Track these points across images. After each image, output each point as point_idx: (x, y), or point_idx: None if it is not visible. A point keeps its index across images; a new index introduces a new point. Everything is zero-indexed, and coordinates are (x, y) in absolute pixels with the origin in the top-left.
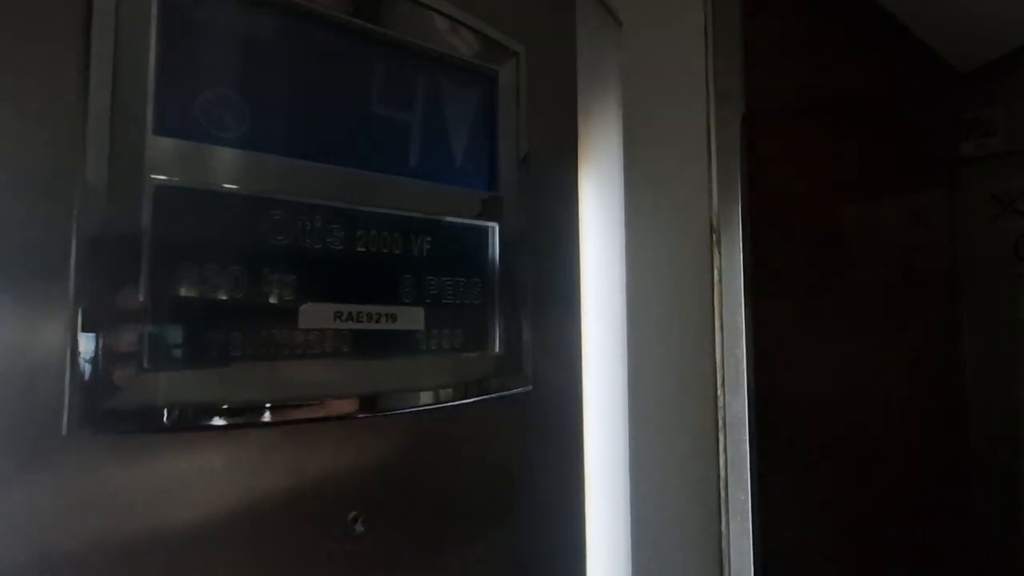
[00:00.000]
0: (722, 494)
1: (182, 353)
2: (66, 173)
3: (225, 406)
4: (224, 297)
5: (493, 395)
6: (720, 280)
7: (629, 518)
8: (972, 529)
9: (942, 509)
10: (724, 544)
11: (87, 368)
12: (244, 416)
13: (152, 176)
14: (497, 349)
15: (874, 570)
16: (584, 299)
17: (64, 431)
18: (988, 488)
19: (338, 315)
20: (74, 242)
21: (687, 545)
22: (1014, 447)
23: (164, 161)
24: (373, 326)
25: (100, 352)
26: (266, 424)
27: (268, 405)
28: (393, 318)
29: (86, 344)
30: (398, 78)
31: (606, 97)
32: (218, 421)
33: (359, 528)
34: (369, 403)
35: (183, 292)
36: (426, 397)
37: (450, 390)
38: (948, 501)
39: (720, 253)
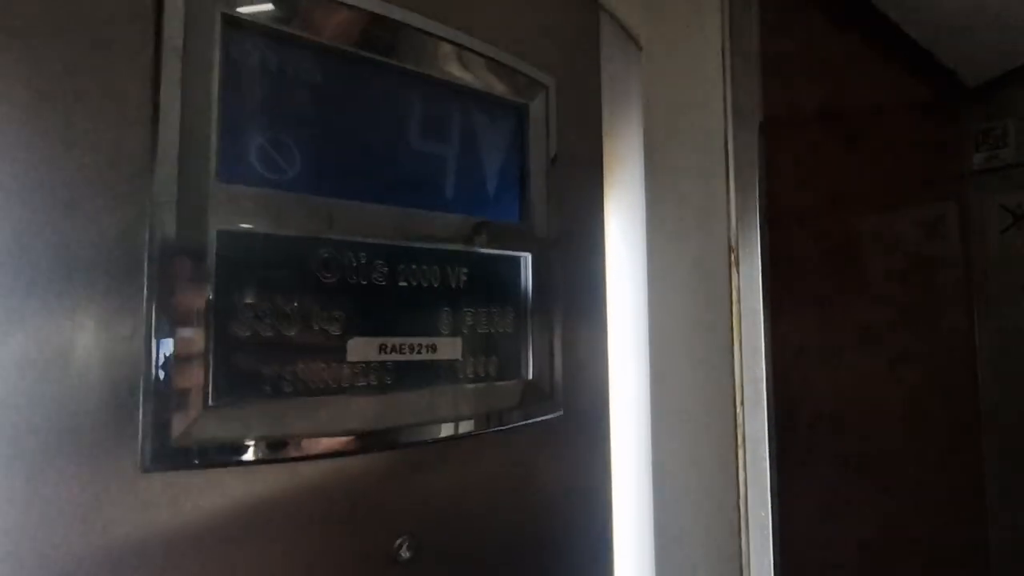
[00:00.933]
0: (742, 510)
1: (242, 389)
2: (138, 220)
3: (281, 439)
4: (279, 334)
5: (528, 421)
6: (739, 299)
7: (653, 533)
8: (987, 539)
9: (957, 520)
10: (745, 560)
11: (157, 407)
12: (298, 449)
13: (215, 221)
14: (530, 376)
15: None
16: (610, 322)
17: (138, 468)
18: (1002, 496)
19: (383, 348)
20: (145, 285)
21: (709, 559)
22: None
23: (226, 207)
24: (415, 357)
25: (170, 391)
26: (318, 456)
27: (320, 437)
28: (433, 348)
29: (157, 383)
30: (436, 116)
31: (628, 119)
32: (276, 454)
33: (405, 554)
34: (411, 432)
35: (242, 331)
36: (465, 425)
37: (487, 417)
38: (963, 512)
39: (739, 272)
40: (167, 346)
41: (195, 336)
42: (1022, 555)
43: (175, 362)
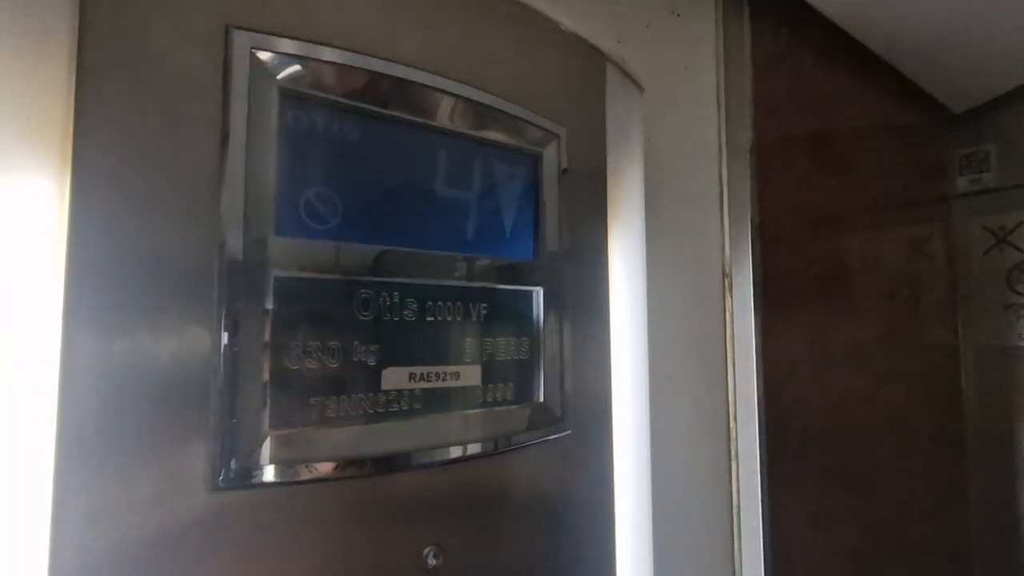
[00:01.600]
0: (735, 520)
1: (294, 416)
2: (208, 270)
3: (326, 461)
4: (324, 366)
5: (540, 440)
6: (732, 321)
7: (652, 541)
8: (971, 544)
9: (942, 527)
10: (737, 567)
11: (224, 431)
12: (341, 470)
13: (274, 269)
14: (541, 398)
15: None
16: (613, 346)
17: (207, 486)
18: (985, 504)
19: (412, 376)
20: (215, 323)
21: (704, 567)
22: (1009, 467)
23: (282, 256)
24: (440, 384)
25: (236, 417)
26: (357, 476)
27: (360, 458)
28: (457, 376)
29: (224, 411)
30: (459, 167)
31: (631, 157)
32: (321, 474)
33: (432, 561)
34: (436, 453)
35: (294, 364)
36: (484, 445)
37: (504, 438)
38: (947, 520)
39: (732, 296)
40: (233, 376)
41: (257, 368)
42: (1004, 559)
43: (240, 390)
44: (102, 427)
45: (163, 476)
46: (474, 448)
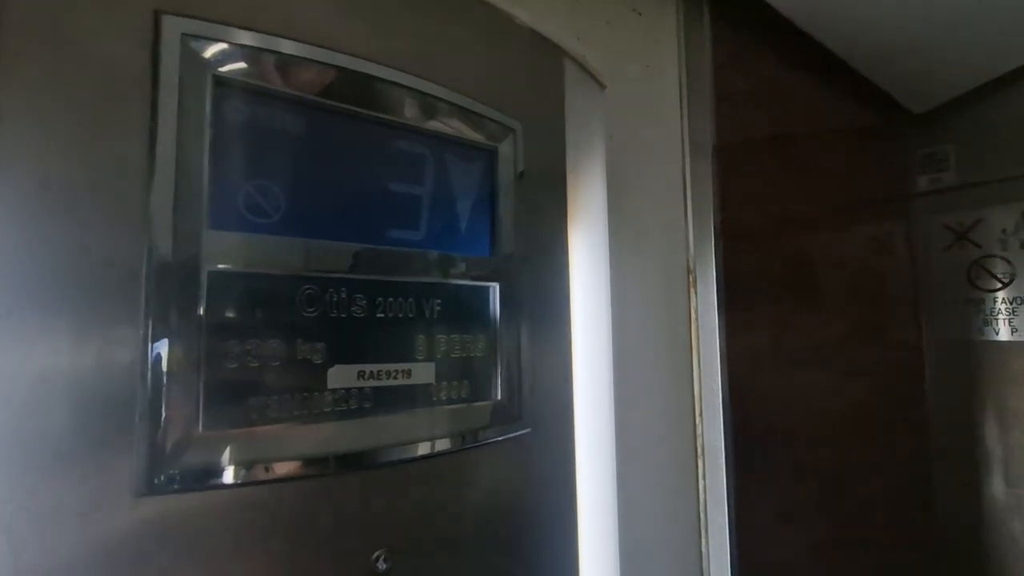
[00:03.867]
0: (702, 516)
1: (231, 417)
2: (136, 262)
3: (268, 463)
4: (264, 365)
5: (497, 439)
6: (697, 317)
7: (618, 539)
8: (936, 535)
9: (906, 519)
10: (705, 563)
11: (152, 434)
12: (284, 471)
13: (207, 264)
14: (499, 396)
15: None
16: (574, 344)
17: (133, 492)
18: (949, 495)
19: (361, 374)
20: (142, 322)
21: (670, 563)
22: (972, 459)
23: (217, 251)
24: (391, 382)
25: (164, 419)
26: (302, 477)
27: (304, 459)
28: (408, 374)
29: (152, 412)
30: (412, 161)
31: (591, 152)
32: (263, 477)
33: (382, 566)
34: (388, 453)
35: (231, 363)
36: (439, 444)
37: (459, 437)
38: (911, 512)
39: (696, 292)
40: (162, 377)
41: (188, 367)
42: (969, 550)
43: (169, 392)
44: (17, 434)
45: (86, 484)
46: (427, 447)
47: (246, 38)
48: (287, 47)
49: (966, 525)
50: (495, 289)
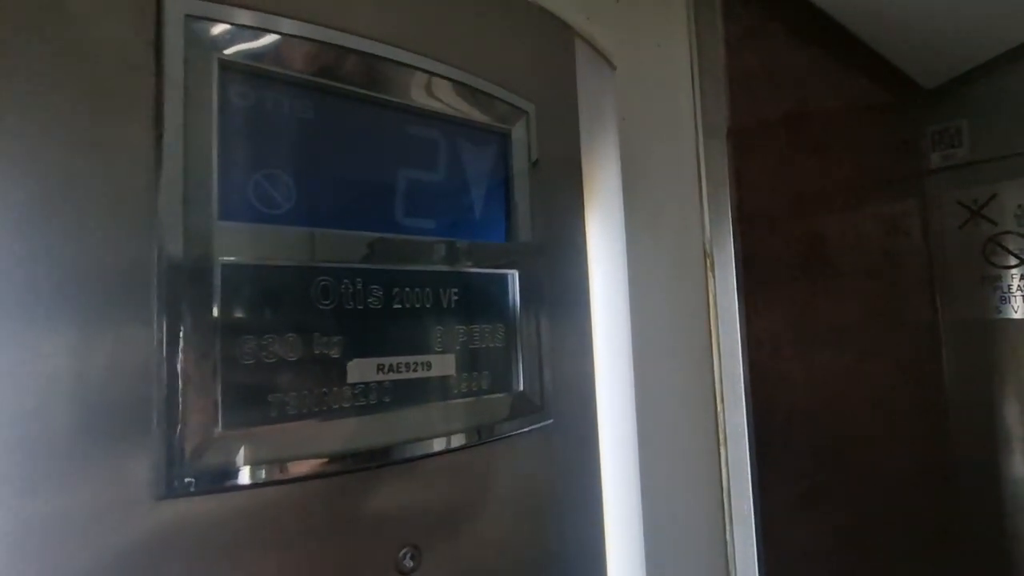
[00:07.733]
0: (726, 504)
1: (250, 415)
2: (147, 255)
3: (288, 461)
4: (281, 360)
5: (521, 431)
6: (715, 302)
7: (642, 528)
8: (958, 520)
9: (929, 501)
10: (730, 551)
11: (170, 436)
12: (305, 469)
13: (219, 256)
14: (520, 387)
15: (872, 568)
16: (594, 331)
17: (152, 496)
18: (972, 475)
19: (380, 367)
20: (154, 319)
21: (696, 551)
22: (992, 437)
23: (229, 244)
24: (411, 375)
25: (182, 420)
26: (324, 475)
27: (325, 456)
28: (428, 366)
29: (169, 413)
30: (424, 145)
31: (605, 135)
32: (284, 475)
33: (408, 563)
34: (410, 448)
35: (247, 359)
36: (460, 438)
37: (480, 430)
38: (934, 493)
39: (714, 276)
40: (177, 376)
41: (204, 365)
42: (991, 528)
43: (186, 391)
44: (30, 440)
45: (102, 487)
46: (450, 441)
47: (251, 18)
48: (294, 28)
49: (988, 504)
50: (514, 277)
